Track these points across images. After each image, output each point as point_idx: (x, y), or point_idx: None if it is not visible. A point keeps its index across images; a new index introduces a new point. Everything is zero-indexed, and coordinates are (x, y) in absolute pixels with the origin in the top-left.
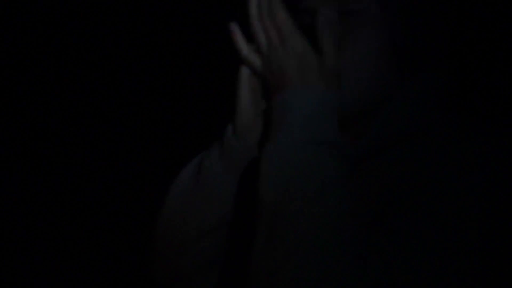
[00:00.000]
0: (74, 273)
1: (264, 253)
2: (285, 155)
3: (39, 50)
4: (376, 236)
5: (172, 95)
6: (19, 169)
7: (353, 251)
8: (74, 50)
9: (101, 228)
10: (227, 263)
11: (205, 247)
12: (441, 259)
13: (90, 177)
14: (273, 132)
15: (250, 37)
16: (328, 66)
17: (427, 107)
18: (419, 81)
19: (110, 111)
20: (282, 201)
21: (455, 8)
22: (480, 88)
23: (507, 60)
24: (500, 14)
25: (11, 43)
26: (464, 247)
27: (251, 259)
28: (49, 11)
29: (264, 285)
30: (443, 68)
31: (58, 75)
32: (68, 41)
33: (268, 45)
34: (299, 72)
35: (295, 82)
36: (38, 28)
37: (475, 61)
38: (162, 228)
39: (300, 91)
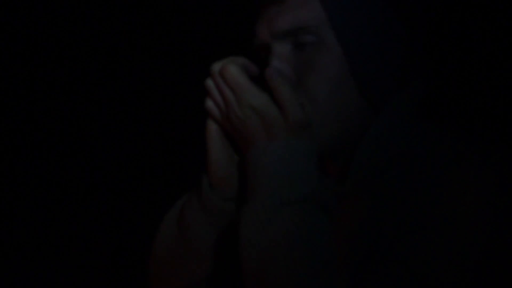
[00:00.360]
0: (74, 274)
1: None
2: (261, 219)
3: (39, 50)
4: (364, 282)
5: (171, 96)
6: (19, 170)
7: None
8: (74, 50)
9: (100, 230)
10: None
11: None
12: None
13: (89, 178)
14: (249, 192)
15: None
16: (293, 119)
17: (407, 129)
18: (392, 105)
19: (109, 113)
20: (264, 264)
21: (415, 24)
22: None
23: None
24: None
25: (11, 43)
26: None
27: None
28: (49, 10)
29: None
30: (416, 84)
31: (57, 75)
32: (68, 41)
33: (225, 104)
34: (263, 128)
35: (260, 139)
36: (38, 28)
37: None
38: (153, 276)
39: (267, 147)
